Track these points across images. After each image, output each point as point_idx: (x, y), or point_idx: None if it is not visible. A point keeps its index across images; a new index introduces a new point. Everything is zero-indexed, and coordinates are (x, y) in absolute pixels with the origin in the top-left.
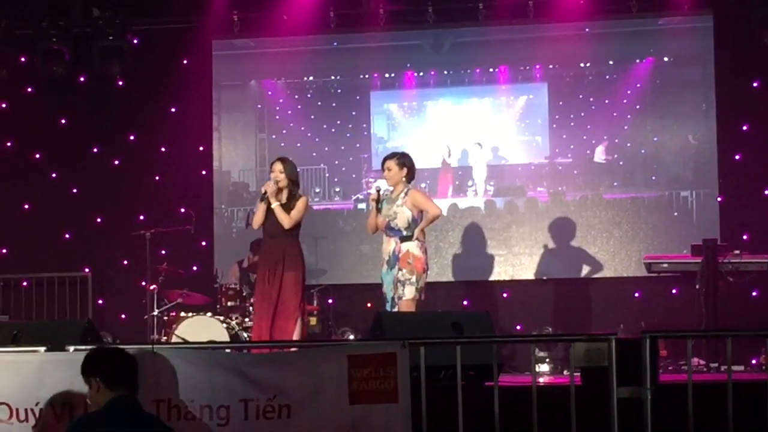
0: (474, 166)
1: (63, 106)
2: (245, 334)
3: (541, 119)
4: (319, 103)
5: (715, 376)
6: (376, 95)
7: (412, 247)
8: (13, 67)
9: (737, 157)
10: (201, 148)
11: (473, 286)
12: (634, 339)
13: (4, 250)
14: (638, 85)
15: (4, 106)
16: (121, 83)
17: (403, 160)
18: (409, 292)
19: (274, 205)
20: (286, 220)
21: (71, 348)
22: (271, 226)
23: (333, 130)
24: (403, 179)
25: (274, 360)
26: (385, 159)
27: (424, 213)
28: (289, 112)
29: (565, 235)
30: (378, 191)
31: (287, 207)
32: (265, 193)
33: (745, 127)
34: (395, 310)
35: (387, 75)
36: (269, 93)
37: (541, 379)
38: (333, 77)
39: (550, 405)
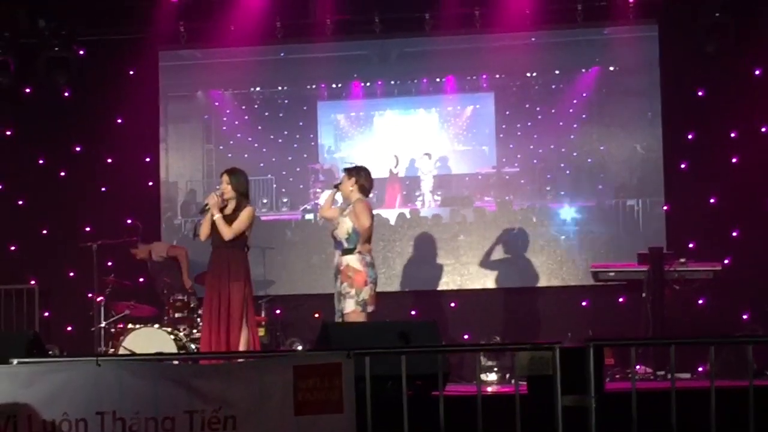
0: (421, 176)
1: (8, 118)
2: (193, 346)
3: (488, 129)
4: (267, 114)
5: (660, 384)
6: (324, 105)
7: (352, 260)
8: None
9: (683, 165)
10: (148, 159)
11: (421, 296)
12: (579, 348)
13: None
14: (584, 95)
15: None
16: (67, 94)
17: (353, 171)
18: (349, 306)
19: (216, 217)
20: (226, 232)
21: (15, 360)
22: (216, 238)
23: (280, 140)
24: (354, 191)
25: (220, 371)
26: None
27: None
28: (236, 122)
29: (512, 245)
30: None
31: (233, 218)
32: (206, 205)
33: (690, 136)
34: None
35: (334, 85)
36: (216, 104)
37: (489, 389)
38: (280, 88)
39: (496, 414)
